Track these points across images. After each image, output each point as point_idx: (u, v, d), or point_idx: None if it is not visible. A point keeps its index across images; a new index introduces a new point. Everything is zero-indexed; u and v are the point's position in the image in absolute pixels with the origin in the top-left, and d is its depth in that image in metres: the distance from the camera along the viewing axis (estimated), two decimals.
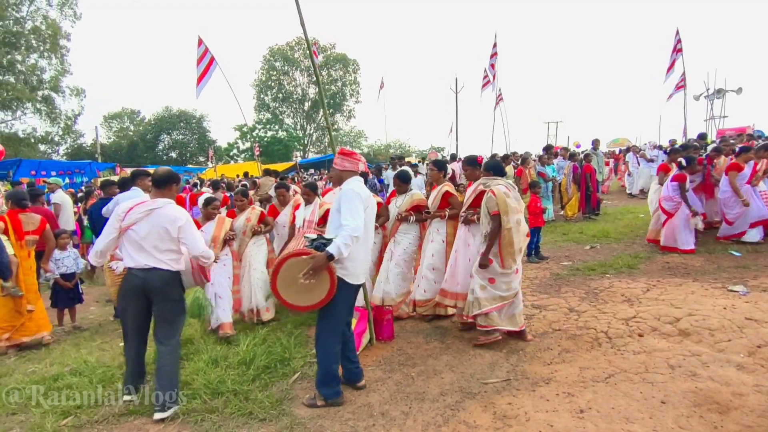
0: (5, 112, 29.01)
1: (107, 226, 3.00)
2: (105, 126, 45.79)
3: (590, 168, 9.71)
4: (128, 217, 2.96)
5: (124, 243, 2.99)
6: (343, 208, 2.96)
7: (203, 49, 9.78)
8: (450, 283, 4.20)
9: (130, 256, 2.99)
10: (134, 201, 3.04)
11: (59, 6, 29.19)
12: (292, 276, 2.85)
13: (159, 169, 3.16)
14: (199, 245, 3.11)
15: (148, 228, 2.95)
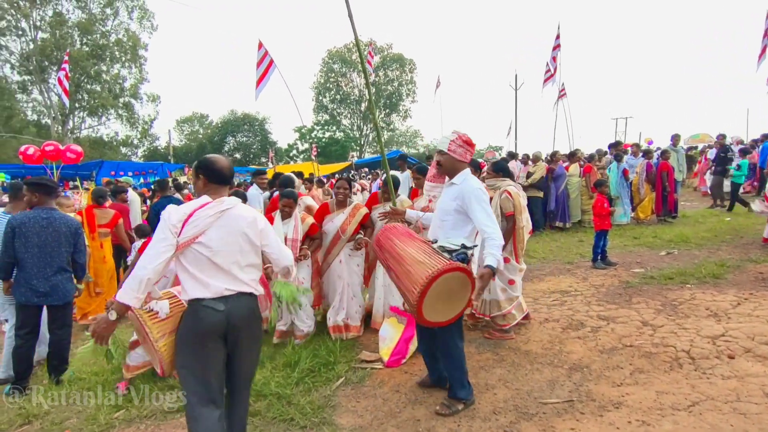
0: (92, 118, 31.87)
1: (154, 243, 2.02)
2: (177, 129, 49.03)
3: (667, 166, 8.83)
4: (190, 226, 2.03)
5: (185, 265, 2.06)
6: (477, 211, 2.67)
7: (263, 52, 10.04)
8: None
9: (199, 283, 2.05)
10: (190, 204, 2.13)
11: (139, 19, 31.68)
12: (440, 293, 2.38)
13: (220, 159, 2.23)
14: (288, 254, 2.41)
15: (222, 237, 2.08)
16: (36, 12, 28.04)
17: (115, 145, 34.11)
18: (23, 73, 28.93)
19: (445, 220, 2.82)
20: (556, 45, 13.51)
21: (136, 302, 1.97)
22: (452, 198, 2.79)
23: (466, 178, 2.83)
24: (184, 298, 2.12)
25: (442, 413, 2.83)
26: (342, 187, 4.36)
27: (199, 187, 2.23)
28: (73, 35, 29.52)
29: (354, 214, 4.25)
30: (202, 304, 2.04)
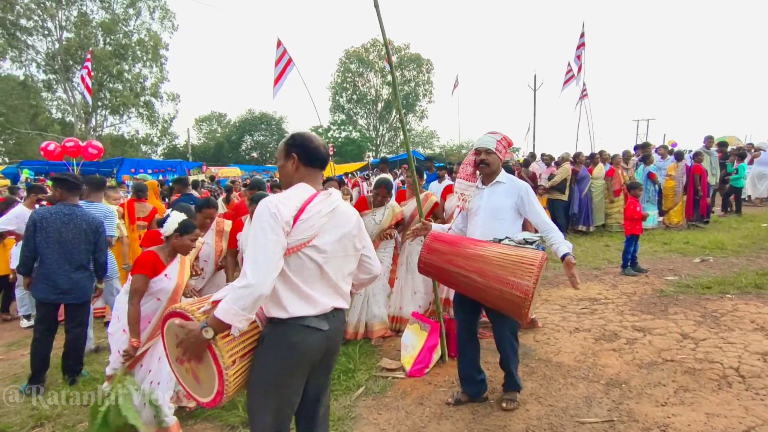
0: (114, 117, 32.39)
1: (263, 247, 1.54)
2: (196, 128, 49.68)
3: (700, 169, 8.45)
4: (304, 225, 1.61)
5: (288, 274, 1.62)
6: (537, 206, 2.83)
7: (282, 50, 9.97)
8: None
9: (303, 297, 1.65)
10: (295, 195, 1.67)
11: (160, 19, 32.06)
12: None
13: (316, 137, 1.80)
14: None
15: (334, 240, 1.71)
16: (61, 12, 28.62)
17: (136, 143, 34.62)
18: (49, 72, 29.56)
19: (503, 218, 2.83)
20: (580, 44, 13.18)
21: (245, 324, 1.54)
22: (506, 196, 2.85)
23: (511, 178, 2.97)
24: (278, 315, 1.64)
25: (510, 408, 2.88)
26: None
27: (289, 171, 1.75)
28: (96, 35, 30.05)
29: (221, 229, 3.83)
30: (305, 324, 1.64)
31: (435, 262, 2.70)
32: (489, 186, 2.90)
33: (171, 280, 2.74)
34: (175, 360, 1.76)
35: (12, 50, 27.68)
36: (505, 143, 2.91)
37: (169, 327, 1.74)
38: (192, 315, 1.65)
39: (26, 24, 27.64)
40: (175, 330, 1.69)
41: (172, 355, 1.78)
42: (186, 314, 1.66)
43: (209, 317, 1.55)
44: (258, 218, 1.58)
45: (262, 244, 1.54)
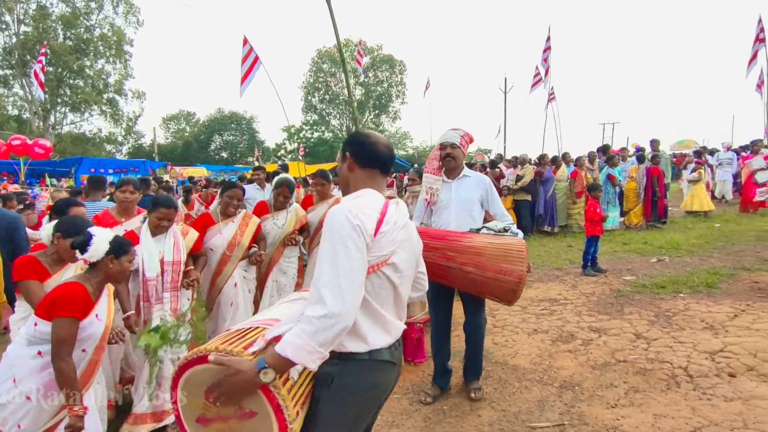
0: (75, 114, 31.07)
1: (344, 264, 1.26)
2: (163, 127, 48.23)
3: (658, 170, 8.70)
4: (384, 240, 1.36)
5: (369, 297, 1.35)
6: (499, 200, 3.06)
7: (248, 48, 9.74)
8: None
9: (380, 324, 1.40)
10: (369, 203, 1.40)
11: (124, 14, 30.95)
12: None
13: (378, 135, 1.61)
14: None
15: (408, 257, 1.50)
16: (20, 6, 27.26)
17: (99, 142, 33.31)
18: (5, 67, 28.13)
19: (473, 210, 2.96)
20: (546, 47, 13.43)
21: (318, 364, 1.24)
22: (474, 189, 2.99)
23: (474, 172, 3.13)
24: (355, 350, 1.35)
25: (480, 397, 2.99)
26: (235, 197, 3.46)
27: (344, 174, 1.53)
28: (56, 29, 28.77)
29: (246, 224, 3.57)
30: (383, 359, 1.40)
31: (426, 258, 2.61)
32: (456, 180, 3.03)
33: (101, 321, 2.10)
34: (194, 421, 1.34)
35: None
36: (467, 138, 3.05)
37: (192, 377, 1.31)
38: (238, 357, 1.26)
39: None
40: (204, 376, 1.28)
41: (190, 415, 1.34)
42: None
43: (268, 355, 1.22)
44: (337, 231, 1.29)
45: (345, 264, 1.25)
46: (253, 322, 1.50)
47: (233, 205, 3.46)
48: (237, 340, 1.34)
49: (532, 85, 14.25)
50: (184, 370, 1.32)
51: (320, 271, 1.27)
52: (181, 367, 1.33)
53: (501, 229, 2.75)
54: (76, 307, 1.93)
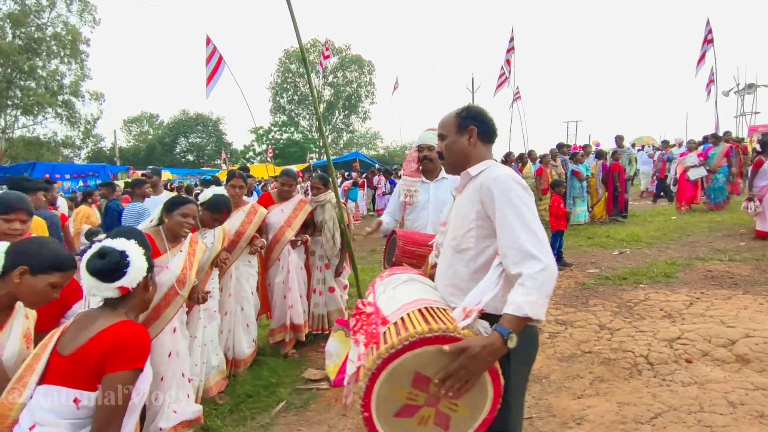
0: (27, 117, 29.48)
1: (533, 216, 1.41)
2: (125, 130, 46.48)
3: (619, 166, 9.03)
4: None
5: None
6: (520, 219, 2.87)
7: (211, 48, 9.50)
8: None
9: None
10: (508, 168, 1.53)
11: (79, 12, 29.62)
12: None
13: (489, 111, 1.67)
14: None
15: None
16: None
17: (54, 146, 31.77)
18: None
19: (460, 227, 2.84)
20: (510, 48, 13.68)
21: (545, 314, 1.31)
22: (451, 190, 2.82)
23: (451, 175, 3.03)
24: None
25: None
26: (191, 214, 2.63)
27: (463, 148, 1.58)
28: (4, 27, 27.25)
29: (254, 212, 3.49)
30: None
31: (410, 264, 2.52)
32: (434, 181, 3.01)
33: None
34: (392, 416, 1.25)
35: None
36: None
37: (400, 367, 1.21)
38: (456, 333, 1.21)
39: None
40: (416, 362, 1.21)
41: (387, 411, 1.25)
42: (448, 336, 1.21)
43: (505, 321, 1.23)
44: (512, 193, 1.37)
45: (533, 220, 1.34)
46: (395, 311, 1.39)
47: (187, 224, 2.58)
48: (429, 318, 1.27)
49: (497, 85, 14.52)
50: (387, 363, 1.20)
51: (513, 233, 1.33)
52: (385, 360, 1.20)
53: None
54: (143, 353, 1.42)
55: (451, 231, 1.60)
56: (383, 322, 1.35)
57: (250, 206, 3.53)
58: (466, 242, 1.50)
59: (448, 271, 1.57)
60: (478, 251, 1.48)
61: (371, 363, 1.20)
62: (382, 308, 1.47)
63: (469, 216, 1.49)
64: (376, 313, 1.47)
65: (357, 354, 1.39)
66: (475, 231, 1.47)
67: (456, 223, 1.57)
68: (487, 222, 1.45)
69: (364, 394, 1.21)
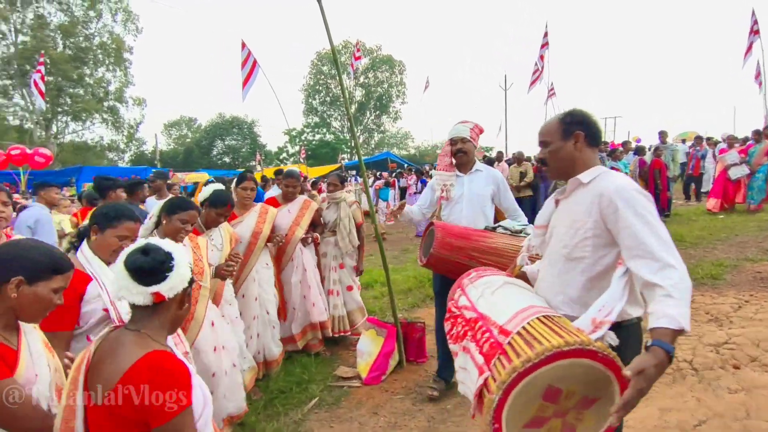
0: (76, 123, 31.23)
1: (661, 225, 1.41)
2: (165, 134, 48.38)
3: (660, 163, 8.66)
4: None
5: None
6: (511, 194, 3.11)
7: (246, 52, 9.79)
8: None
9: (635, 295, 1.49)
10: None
11: (123, 22, 31.10)
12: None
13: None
14: None
15: None
16: (16, 15, 27.41)
17: (100, 150, 33.47)
18: (4, 77, 28.25)
19: (485, 205, 2.95)
20: (543, 43, 13.38)
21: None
22: (486, 183, 2.96)
23: (486, 166, 3.09)
24: (636, 314, 1.48)
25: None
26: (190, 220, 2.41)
27: (569, 154, 1.56)
28: (55, 38, 28.92)
29: (266, 212, 3.48)
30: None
31: (449, 256, 2.59)
32: (468, 174, 3.00)
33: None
34: (521, 427, 1.26)
35: None
36: (477, 130, 3.01)
37: (536, 379, 1.20)
38: (591, 346, 1.21)
39: None
40: (553, 374, 1.20)
41: (517, 422, 1.25)
42: (585, 349, 1.20)
43: (663, 335, 1.20)
44: (636, 202, 1.39)
45: (661, 227, 1.37)
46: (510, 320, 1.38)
47: (185, 231, 2.39)
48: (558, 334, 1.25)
49: (531, 82, 14.21)
50: (523, 377, 1.19)
51: (645, 243, 1.33)
52: (521, 374, 1.19)
53: (518, 230, 2.70)
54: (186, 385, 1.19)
55: (559, 238, 1.58)
56: (501, 331, 1.33)
57: (260, 206, 3.51)
58: (581, 251, 1.49)
59: (559, 279, 1.56)
60: (593, 260, 1.48)
61: (506, 376, 1.19)
62: (489, 314, 1.47)
63: (584, 225, 1.48)
64: (482, 319, 1.48)
65: (469, 363, 1.41)
66: (591, 240, 1.47)
67: (566, 230, 1.55)
68: (605, 232, 1.45)
69: (496, 407, 1.20)
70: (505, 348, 1.27)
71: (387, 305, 4.83)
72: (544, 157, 1.66)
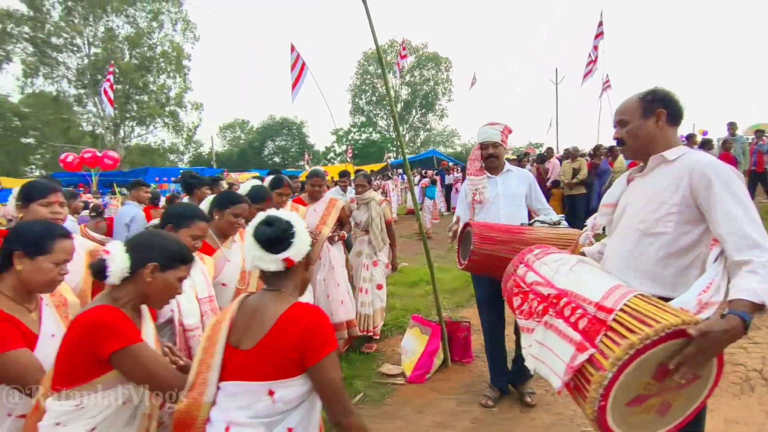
0: (141, 127, 33.44)
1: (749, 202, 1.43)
2: (220, 135, 50.71)
3: (729, 157, 8.02)
4: None
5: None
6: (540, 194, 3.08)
7: (295, 55, 10.06)
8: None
9: None
10: None
11: (182, 31, 32.92)
12: None
13: None
14: None
15: None
16: (89, 29, 29.74)
17: (163, 152, 35.64)
18: (79, 87, 30.72)
19: (520, 204, 2.96)
20: (598, 33, 12.77)
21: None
22: (519, 183, 2.98)
23: (516, 167, 3.13)
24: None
25: (535, 402, 2.87)
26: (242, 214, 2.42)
27: (649, 132, 1.54)
28: (122, 49, 31.09)
29: (296, 210, 3.44)
30: None
31: (491, 251, 2.50)
32: (500, 175, 2.99)
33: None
34: (623, 405, 1.25)
35: (44, 67, 28.94)
36: (507, 132, 2.99)
37: (649, 358, 1.21)
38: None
39: (56, 41, 28.85)
40: (663, 353, 1.21)
41: (621, 401, 1.24)
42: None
43: (743, 306, 1.22)
44: (731, 181, 1.39)
45: (753, 208, 1.37)
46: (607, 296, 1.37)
47: (238, 225, 2.37)
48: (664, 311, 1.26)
49: (584, 74, 13.61)
50: (640, 354, 1.19)
51: (737, 221, 1.33)
52: (638, 351, 1.19)
53: (557, 221, 2.69)
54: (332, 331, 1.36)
55: (635, 213, 1.56)
56: (600, 308, 1.33)
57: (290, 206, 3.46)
58: (662, 226, 1.47)
59: (631, 255, 1.54)
60: (674, 237, 1.46)
61: (621, 353, 1.19)
62: (576, 291, 1.45)
63: (668, 200, 1.46)
64: (566, 295, 1.47)
65: (555, 339, 1.41)
66: (675, 216, 1.45)
67: (644, 206, 1.53)
68: (691, 208, 1.44)
69: (607, 384, 1.20)
70: (610, 325, 1.27)
71: (432, 304, 4.82)
72: (621, 136, 1.63)
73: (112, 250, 1.40)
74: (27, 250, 1.46)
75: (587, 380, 1.27)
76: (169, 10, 31.86)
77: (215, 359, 1.32)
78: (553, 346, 1.43)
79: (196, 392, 1.31)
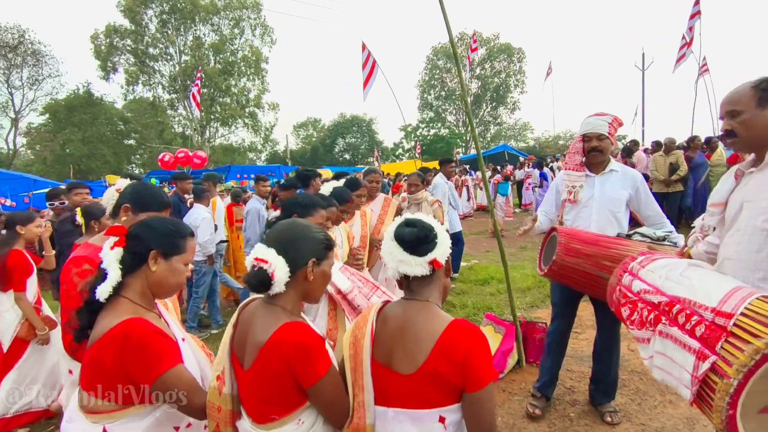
0: (224, 128, 35.96)
1: None
2: (294, 134, 53.11)
3: None
4: None
5: None
6: (650, 199, 2.65)
7: (366, 53, 10.26)
8: None
9: None
10: None
11: (261, 36, 34.86)
12: None
13: None
14: None
15: None
16: (180, 38, 32.48)
17: (243, 151, 38.05)
18: (171, 92, 33.71)
19: (619, 210, 2.61)
20: (694, 13, 11.60)
21: None
22: (621, 186, 2.61)
23: (622, 165, 2.72)
24: None
25: (617, 421, 2.63)
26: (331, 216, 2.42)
27: (766, 121, 1.44)
28: (208, 55, 33.58)
29: (364, 214, 3.38)
30: None
31: (574, 264, 2.36)
32: (601, 174, 2.66)
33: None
34: (756, 413, 1.19)
35: (143, 75, 32.11)
36: (616, 125, 2.63)
37: None
38: None
39: (153, 52, 31.86)
40: None
41: (753, 408, 1.18)
42: None
43: None
44: None
45: None
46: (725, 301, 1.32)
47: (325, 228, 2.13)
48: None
49: (678, 58, 12.42)
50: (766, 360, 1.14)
51: None
52: (765, 356, 1.13)
53: (660, 237, 2.36)
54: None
55: (756, 211, 1.46)
56: (718, 313, 1.27)
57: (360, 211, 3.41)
58: None
59: (757, 255, 1.44)
60: None
61: (746, 359, 1.14)
62: (689, 297, 1.40)
63: None
64: (678, 302, 1.41)
65: (674, 348, 1.37)
66: None
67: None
68: None
69: (734, 392, 1.15)
70: (731, 330, 1.20)
71: (504, 302, 4.71)
72: (731, 128, 1.51)
73: (266, 256, 1.26)
74: (164, 249, 1.34)
75: (711, 389, 1.20)
76: (249, 17, 33.80)
77: (366, 380, 1.25)
78: (674, 356, 1.37)
79: (357, 416, 1.26)
